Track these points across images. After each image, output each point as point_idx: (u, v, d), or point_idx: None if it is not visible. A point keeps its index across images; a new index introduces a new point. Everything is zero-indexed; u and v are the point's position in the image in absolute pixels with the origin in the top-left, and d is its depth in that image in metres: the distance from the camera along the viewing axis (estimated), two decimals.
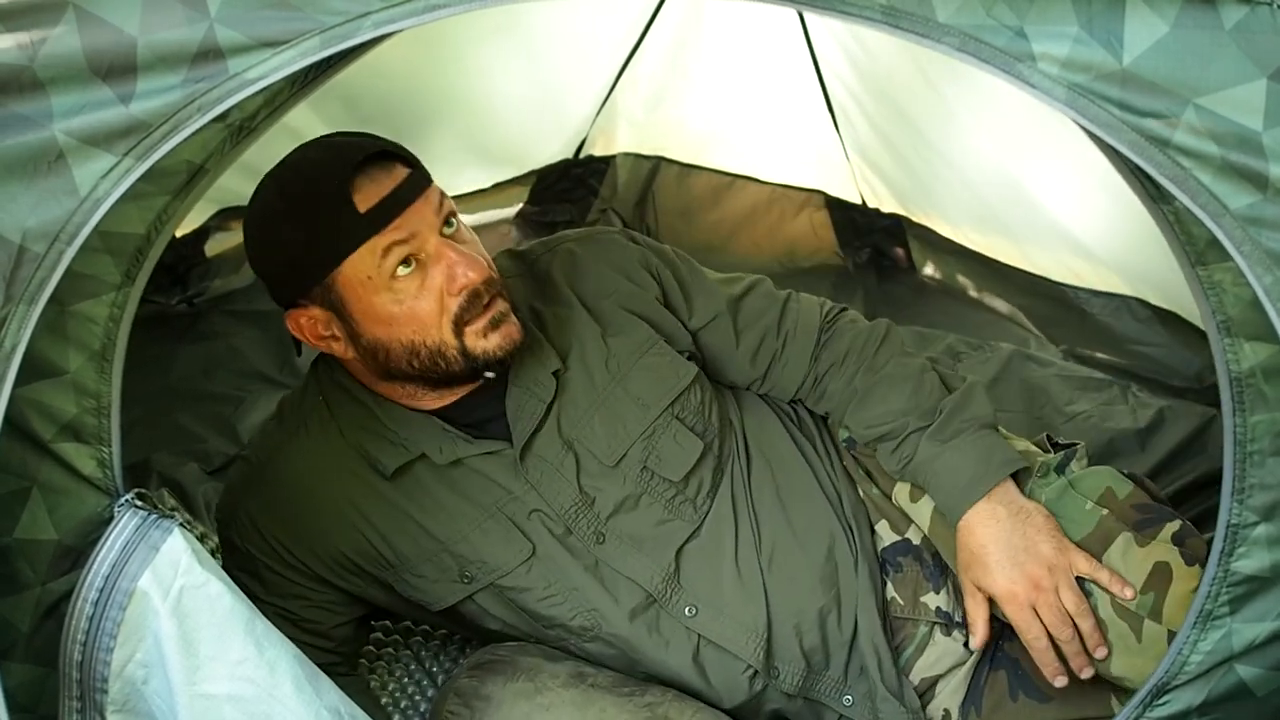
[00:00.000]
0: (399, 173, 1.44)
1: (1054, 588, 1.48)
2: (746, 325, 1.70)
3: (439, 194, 1.48)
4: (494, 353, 1.50)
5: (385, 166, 1.44)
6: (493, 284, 1.50)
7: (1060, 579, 1.48)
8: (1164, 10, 1.06)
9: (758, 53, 2.97)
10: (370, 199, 1.41)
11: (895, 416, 1.61)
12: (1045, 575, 1.49)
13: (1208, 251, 1.16)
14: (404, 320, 1.47)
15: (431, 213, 1.45)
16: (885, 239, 3.12)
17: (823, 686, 1.60)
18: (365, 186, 1.42)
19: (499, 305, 1.50)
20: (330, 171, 1.42)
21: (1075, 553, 1.49)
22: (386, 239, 1.42)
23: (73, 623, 1.23)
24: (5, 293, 1.11)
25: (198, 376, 2.57)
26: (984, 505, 1.52)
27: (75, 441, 1.23)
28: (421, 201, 1.44)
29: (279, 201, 1.47)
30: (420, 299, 1.46)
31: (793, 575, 1.60)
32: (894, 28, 1.07)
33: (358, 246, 1.42)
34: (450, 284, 1.46)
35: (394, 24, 1.09)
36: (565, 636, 1.63)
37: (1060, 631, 1.48)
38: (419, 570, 1.61)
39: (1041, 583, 1.48)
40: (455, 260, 1.45)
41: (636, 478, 1.60)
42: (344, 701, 1.32)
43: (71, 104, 1.09)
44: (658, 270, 1.69)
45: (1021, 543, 1.50)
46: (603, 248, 1.70)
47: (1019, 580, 1.49)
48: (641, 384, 1.62)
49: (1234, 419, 1.21)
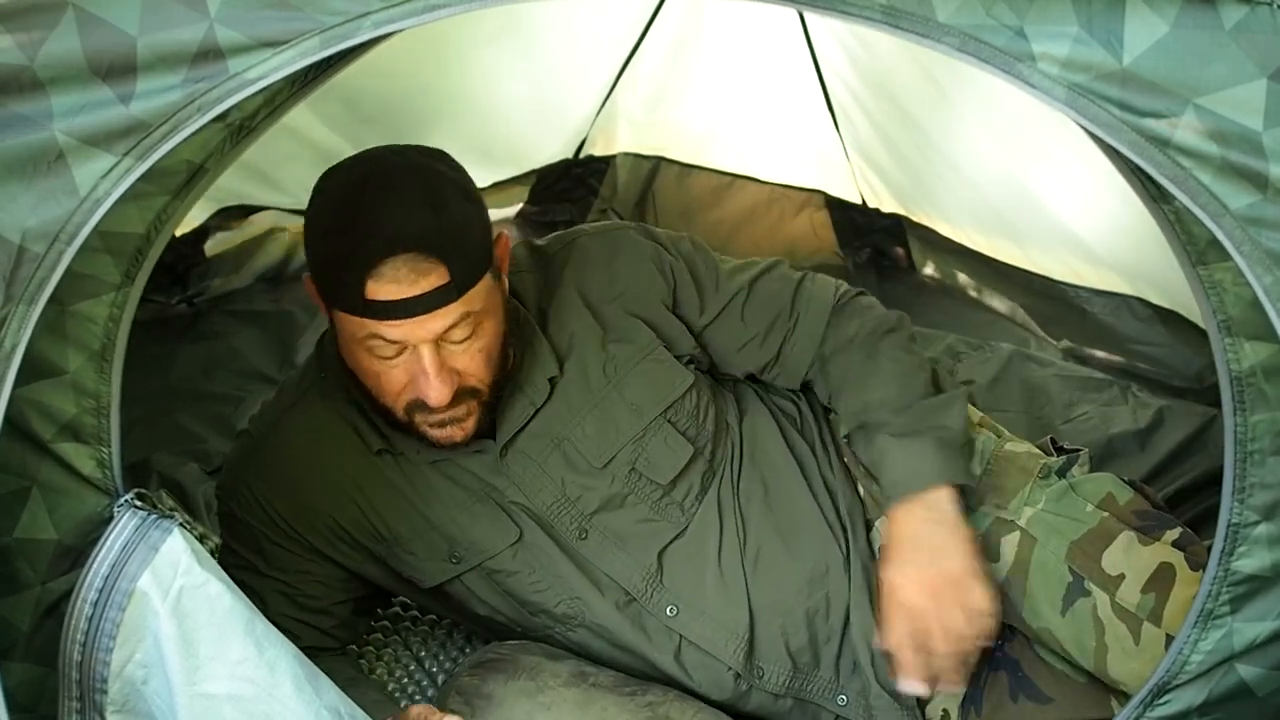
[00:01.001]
0: (428, 282, 1.38)
1: (947, 603, 1.46)
2: (759, 307, 1.69)
3: (458, 312, 1.42)
4: (433, 440, 1.54)
5: (422, 269, 1.37)
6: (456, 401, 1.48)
7: (957, 596, 1.46)
8: (1164, 10, 1.06)
9: (758, 53, 2.97)
10: (382, 292, 1.37)
11: (874, 409, 1.60)
12: (944, 587, 1.46)
13: (1208, 251, 1.16)
14: (368, 375, 1.49)
15: (436, 325, 1.41)
16: (885, 239, 3.12)
17: (814, 687, 1.61)
18: (386, 276, 1.37)
19: (454, 412, 1.49)
20: (367, 241, 1.37)
21: (983, 584, 1.47)
22: (376, 328, 1.41)
23: (72, 623, 1.23)
24: (5, 293, 1.11)
25: (198, 376, 2.57)
26: (916, 502, 1.51)
27: (75, 441, 1.23)
28: (430, 317, 1.40)
29: (324, 212, 1.44)
30: (388, 370, 1.46)
31: (778, 578, 1.60)
32: (894, 28, 1.07)
33: (350, 315, 1.42)
34: (410, 389, 1.47)
35: (394, 24, 1.08)
36: (550, 624, 1.64)
37: (927, 642, 1.47)
38: (410, 547, 1.62)
39: (938, 592, 1.47)
40: (426, 381, 1.44)
41: (624, 478, 1.60)
42: (344, 701, 1.32)
43: (71, 104, 1.09)
44: (671, 268, 1.68)
45: (934, 548, 1.48)
46: (615, 246, 1.68)
47: (913, 580, 1.48)
48: (637, 390, 1.62)
49: (1234, 418, 1.21)
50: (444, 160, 1.49)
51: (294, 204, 2.87)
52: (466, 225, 1.44)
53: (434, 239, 1.38)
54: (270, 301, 2.83)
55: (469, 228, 1.44)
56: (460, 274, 1.40)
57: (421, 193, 1.40)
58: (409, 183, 1.41)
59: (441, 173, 1.46)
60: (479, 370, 1.48)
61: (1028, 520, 1.53)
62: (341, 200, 1.42)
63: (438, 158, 1.48)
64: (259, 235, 2.88)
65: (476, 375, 1.49)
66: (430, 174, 1.44)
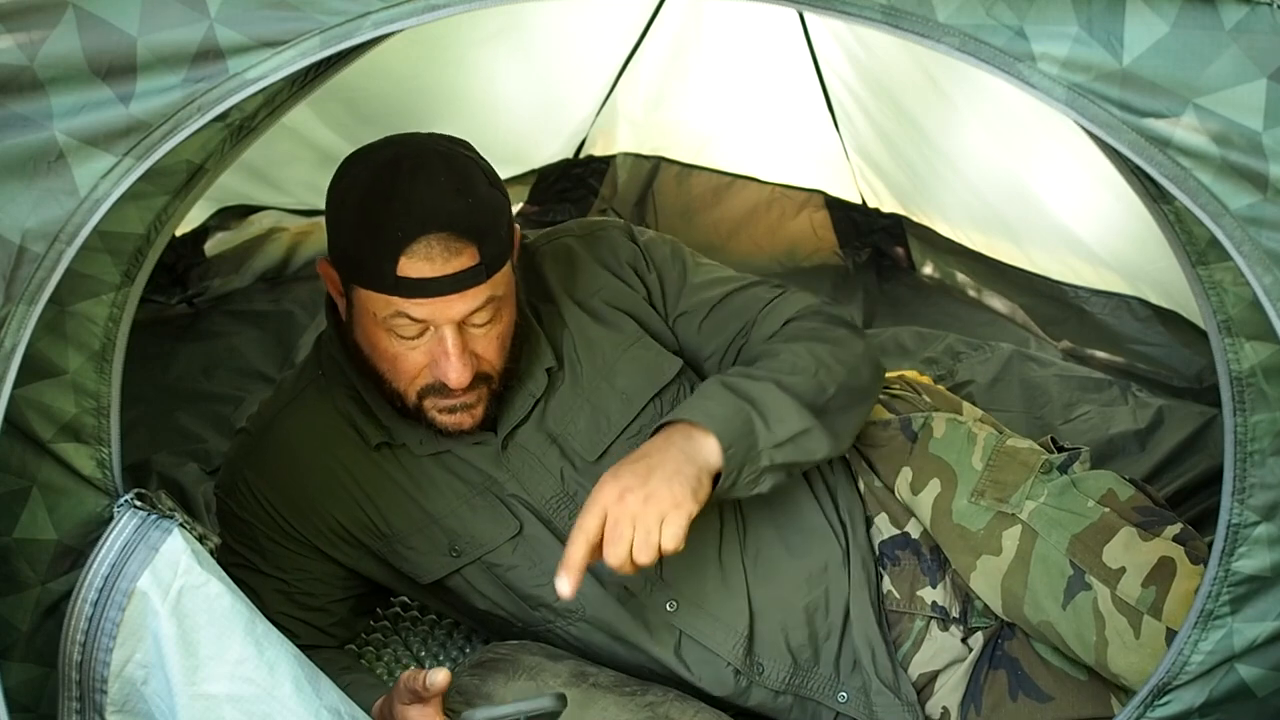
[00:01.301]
0: (460, 262, 1.41)
1: (636, 508, 1.35)
2: (722, 323, 1.68)
3: (484, 295, 1.44)
4: (441, 426, 1.55)
5: (455, 248, 1.40)
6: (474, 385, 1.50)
7: (650, 509, 1.36)
8: (1164, 10, 1.06)
9: (758, 53, 2.97)
10: (414, 270, 1.40)
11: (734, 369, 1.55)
12: (638, 493, 1.36)
13: (1208, 251, 1.16)
14: (385, 357, 1.50)
15: (463, 307, 1.44)
16: (885, 239, 3.12)
17: (814, 684, 1.61)
18: (419, 254, 1.40)
19: (466, 398, 1.51)
20: (402, 219, 1.40)
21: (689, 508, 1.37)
22: (404, 306, 1.43)
23: (72, 623, 1.23)
24: (5, 293, 1.11)
25: (197, 376, 2.58)
26: (678, 430, 1.43)
27: (75, 441, 1.23)
28: (458, 297, 1.43)
29: (355, 191, 1.46)
30: (407, 352, 1.48)
31: (777, 574, 1.61)
32: (894, 28, 1.07)
33: (378, 292, 1.43)
34: (431, 369, 1.48)
35: (394, 24, 1.09)
36: (551, 618, 1.64)
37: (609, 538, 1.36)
38: (409, 542, 1.63)
39: (629, 494, 1.36)
40: (448, 361, 1.46)
41: None
42: (344, 701, 1.32)
43: (71, 104, 1.09)
44: (643, 274, 1.70)
45: (658, 464, 1.39)
46: (598, 244, 1.71)
47: (619, 479, 1.38)
48: (627, 378, 1.63)
49: (1234, 419, 1.21)
50: (468, 147, 1.53)
51: (294, 204, 2.87)
52: (495, 209, 1.47)
53: (467, 220, 1.41)
54: (270, 301, 2.83)
55: (498, 212, 1.48)
56: (490, 256, 1.43)
57: (453, 175, 1.44)
58: (440, 165, 1.44)
59: (470, 158, 1.50)
60: (495, 356, 1.51)
61: (1029, 514, 1.53)
62: (374, 180, 1.44)
63: (462, 145, 1.52)
64: (259, 235, 2.89)
65: (492, 361, 1.51)
66: (458, 159, 1.48)
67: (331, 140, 2.66)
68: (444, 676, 1.35)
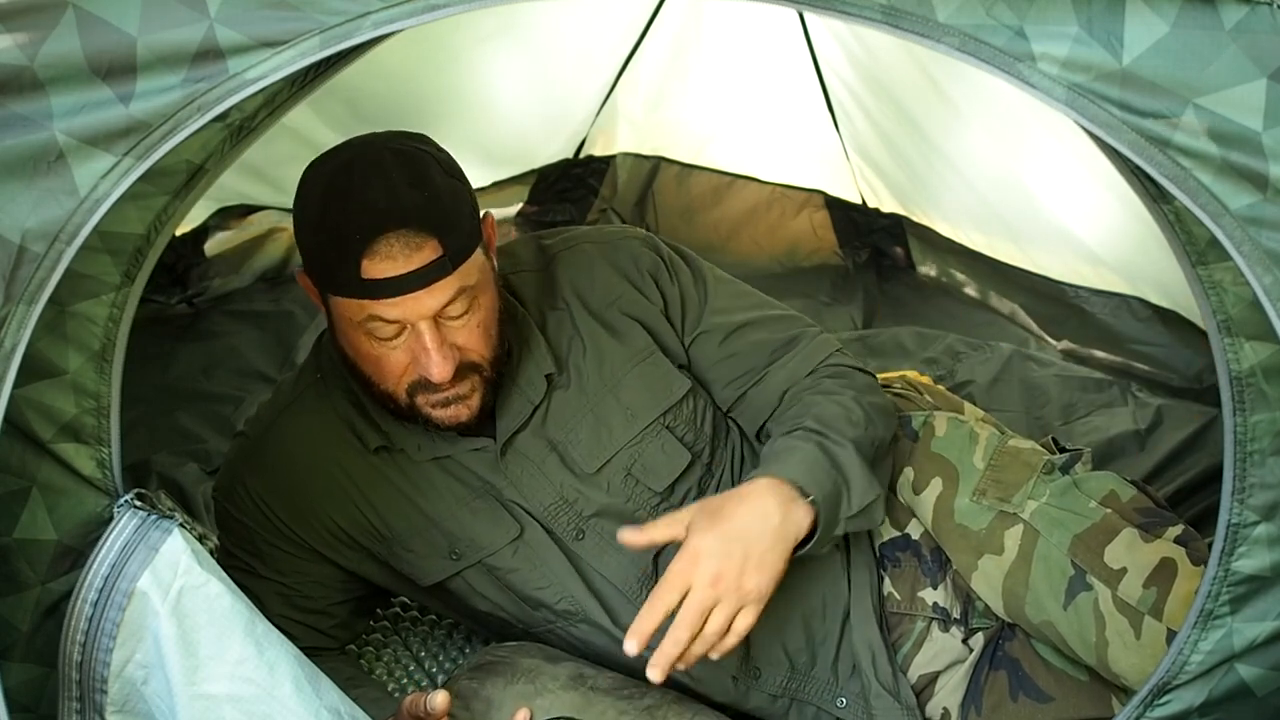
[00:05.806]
0: (422, 256, 1.39)
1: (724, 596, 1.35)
2: (741, 351, 1.66)
3: (454, 286, 1.42)
4: (438, 421, 1.53)
5: (415, 244, 1.39)
6: (459, 377, 1.48)
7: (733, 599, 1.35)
8: (1164, 10, 1.06)
9: (758, 53, 2.97)
10: (377, 270, 1.39)
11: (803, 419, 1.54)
12: (730, 581, 1.35)
13: (1208, 251, 1.16)
14: (368, 360, 1.49)
15: (434, 302, 1.42)
16: (885, 239, 3.13)
17: (812, 688, 1.60)
18: (380, 254, 1.38)
19: (458, 389, 1.49)
20: (360, 219, 1.39)
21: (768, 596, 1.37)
22: (375, 308, 1.41)
23: (72, 623, 1.23)
24: (5, 293, 1.11)
25: (197, 376, 2.58)
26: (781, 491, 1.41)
27: (75, 442, 1.23)
28: (426, 292, 1.41)
29: (313, 200, 1.45)
30: (388, 353, 1.47)
31: None
32: (894, 28, 1.07)
33: (349, 298, 1.42)
34: (414, 367, 1.47)
35: (394, 24, 1.09)
36: (551, 619, 1.63)
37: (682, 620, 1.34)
38: (409, 545, 1.62)
39: (720, 581, 1.35)
40: (428, 357, 1.44)
41: (620, 485, 1.60)
42: (344, 701, 1.32)
43: (71, 104, 1.09)
44: (664, 286, 1.68)
45: (754, 543, 1.37)
46: (616, 253, 1.68)
47: (714, 558, 1.35)
48: (633, 393, 1.62)
49: (1234, 419, 1.20)
50: (424, 141, 1.51)
51: None
52: (454, 199, 1.46)
53: (423, 214, 1.40)
54: (270, 301, 2.83)
55: (457, 202, 1.46)
56: (453, 247, 1.42)
57: (405, 171, 1.43)
58: (393, 162, 1.44)
59: (424, 151, 1.48)
60: (478, 345, 1.49)
61: (1031, 514, 1.53)
62: (328, 186, 1.44)
63: (418, 139, 1.51)
64: (259, 235, 2.89)
65: (476, 350, 1.50)
66: (411, 153, 1.46)
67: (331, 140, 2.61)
68: (444, 697, 1.36)
